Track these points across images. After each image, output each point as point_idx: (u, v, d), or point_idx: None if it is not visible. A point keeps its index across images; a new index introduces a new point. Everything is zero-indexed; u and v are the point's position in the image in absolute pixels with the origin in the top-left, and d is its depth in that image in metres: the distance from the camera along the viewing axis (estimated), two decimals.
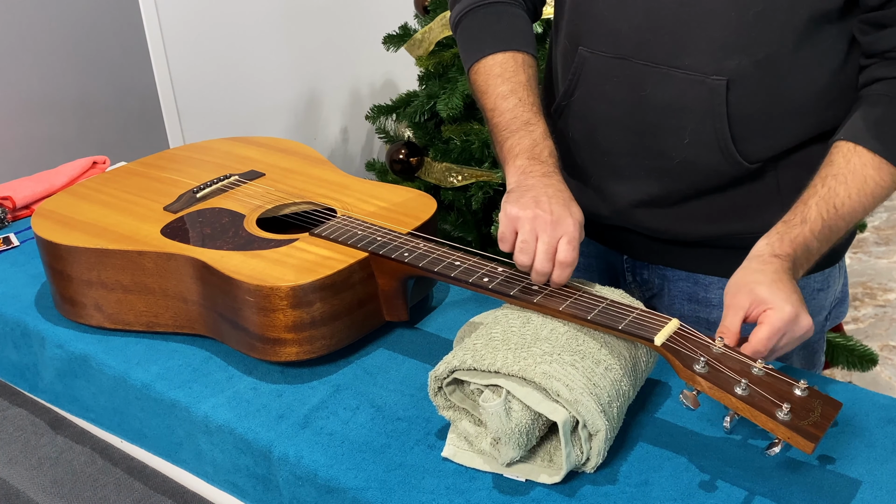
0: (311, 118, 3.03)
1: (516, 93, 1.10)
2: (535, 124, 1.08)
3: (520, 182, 1.02)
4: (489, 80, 1.12)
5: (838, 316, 1.23)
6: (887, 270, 3.12)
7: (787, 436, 0.78)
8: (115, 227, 1.16)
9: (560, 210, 0.97)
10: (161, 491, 1.08)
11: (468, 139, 2.28)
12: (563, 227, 0.96)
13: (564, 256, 0.95)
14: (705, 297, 1.18)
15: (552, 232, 0.95)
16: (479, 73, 1.14)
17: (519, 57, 1.13)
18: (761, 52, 1.00)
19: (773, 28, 0.99)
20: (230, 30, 2.67)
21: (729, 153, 1.05)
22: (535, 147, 1.06)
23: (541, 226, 0.96)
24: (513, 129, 1.08)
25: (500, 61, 1.13)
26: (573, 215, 0.97)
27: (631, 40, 1.06)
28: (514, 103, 1.09)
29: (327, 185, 1.26)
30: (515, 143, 1.07)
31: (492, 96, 1.12)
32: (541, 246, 0.95)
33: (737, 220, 1.11)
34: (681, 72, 1.03)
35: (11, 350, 1.23)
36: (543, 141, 1.07)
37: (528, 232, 0.96)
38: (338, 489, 0.89)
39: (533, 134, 1.07)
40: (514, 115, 1.09)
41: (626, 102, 1.09)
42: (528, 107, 1.09)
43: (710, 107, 1.03)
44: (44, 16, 2.23)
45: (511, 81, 1.11)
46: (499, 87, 1.11)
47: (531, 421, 0.85)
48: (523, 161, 1.04)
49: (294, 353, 1.04)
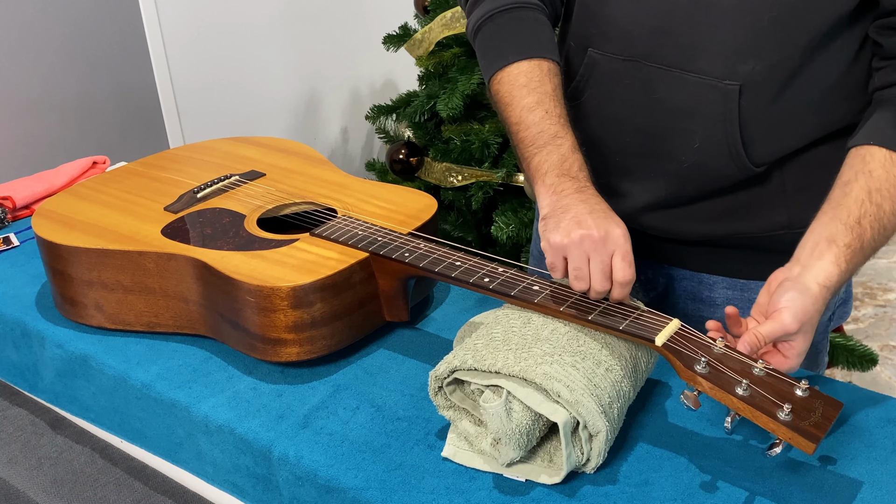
0: (311, 118, 3.04)
1: (542, 104, 1.05)
2: (563, 137, 1.03)
3: (554, 204, 0.98)
4: (513, 92, 1.07)
5: (842, 316, 1.23)
6: (887, 270, 3.12)
7: (788, 436, 0.78)
8: (116, 228, 1.16)
9: (604, 224, 0.93)
10: (161, 491, 1.08)
11: (468, 139, 2.28)
12: (612, 242, 0.92)
13: (622, 276, 0.92)
14: (709, 296, 1.18)
15: (603, 250, 0.92)
16: (503, 83, 1.08)
17: (545, 65, 1.07)
18: (775, 57, 0.99)
19: (788, 33, 0.98)
20: (230, 30, 2.67)
21: (738, 157, 1.04)
22: (564, 162, 1.01)
23: (590, 247, 0.92)
24: (539, 144, 1.03)
25: (524, 70, 1.07)
26: (619, 225, 0.94)
27: (643, 43, 1.05)
28: (541, 116, 1.04)
29: (328, 185, 1.26)
30: (543, 159, 1.02)
31: (517, 109, 1.06)
32: (595, 267, 0.92)
33: (742, 220, 1.10)
34: (693, 75, 1.02)
35: (11, 350, 1.23)
36: (572, 155, 1.02)
37: (578, 258, 0.93)
38: (338, 489, 0.89)
39: (561, 148, 1.02)
40: (541, 129, 1.03)
41: (637, 105, 1.08)
42: (556, 119, 1.04)
43: (722, 111, 1.02)
44: (44, 16, 2.23)
45: (537, 92, 1.06)
46: (524, 99, 1.06)
47: (532, 421, 0.85)
48: (553, 179, 1.00)
49: (294, 353, 1.04)
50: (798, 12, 0.97)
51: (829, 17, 0.98)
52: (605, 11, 1.08)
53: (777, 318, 0.87)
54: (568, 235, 0.93)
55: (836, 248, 0.91)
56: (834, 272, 0.90)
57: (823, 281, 0.90)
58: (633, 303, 0.97)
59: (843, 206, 0.93)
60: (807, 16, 0.97)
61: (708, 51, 1.01)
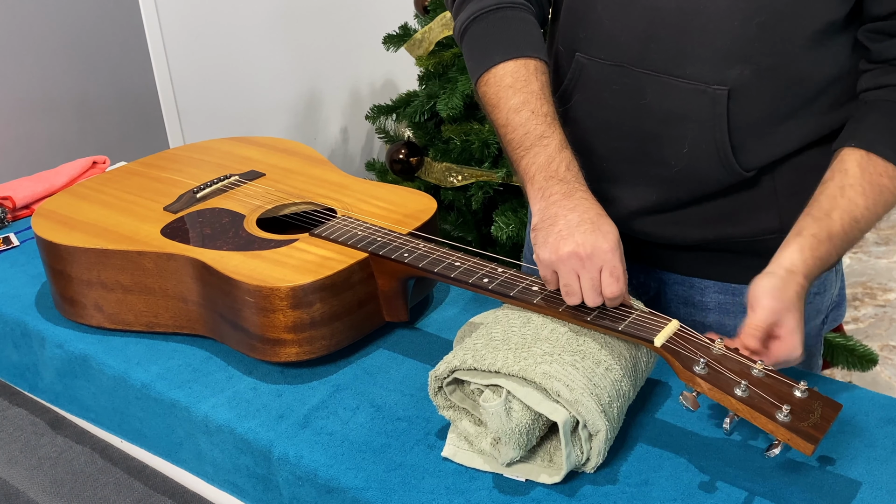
0: (311, 118, 3.04)
1: (528, 104, 1.03)
2: (549, 136, 1.01)
3: (543, 212, 0.97)
4: (500, 93, 1.05)
5: (836, 319, 1.23)
6: (887, 270, 3.12)
7: (787, 437, 0.78)
8: (116, 228, 1.16)
9: (591, 240, 0.92)
10: (161, 491, 1.08)
11: (468, 139, 2.28)
12: (598, 258, 0.92)
13: (610, 291, 0.92)
14: (700, 300, 1.18)
15: (591, 266, 0.92)
16: (489, 84, 1.07)
17: (531, 64, 1.06)
18: (764, 62, 0.99)
19: (777, 38, 0.98)
20: (230, 30, 2.67)
21: (728, 162, 1.04)
22: (550, 163, 0.99)
23: (577, 264, 0.92)
24: (526, 145, 1.02)
25: (510, 70, 1.05)
26: (606, 239, 0.93)
27: (631, 48, 1.04)
28: (527, 116, 1.03)
29: (327, 185, 1.26)
30: (531, 161, 1.01)
31: (503, 110, 1.04)
32: (584, 283, 0.92)
33: (733, 225, 1.10)
34: (682, 81, 1.02)
35: (11, 350, 1.23)
36: (559, 154, 1.00)
37: (567, 274, 0.93)
38: (338, 489, 0.89)
39: (548, 149, 1.00)
40: (527, 130, 1.02)
41: (625, 110, 1.07)
42: (542, 118, 1.02)
43: (710, 116, 1.02)
44: (44, 16, 2.23)
45: (523, 92, 1.04)
46: (510, 100, 1.04)
47: (531, 421, 0.85)
48: (541, 182, 0.99)
49: (294, 353, 1.04)
50: (786, 17, 0.97)
51: (817, 23, 0.97)
52: (592, 16, 1.07)
53: (755, 306, 0.90)
54: (556, 252, 0.93)
55: (801, 238, 0.94)
56: (798, 258, 0.93)
57: (789, 266, 0.92)
58: (633, 303, 0.97)
59: (816, 202, 0.96)
60: (795, 21, 0.97)
61: (696, 56, 1.01)
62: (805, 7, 0.96)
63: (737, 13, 0.98)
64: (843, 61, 1.02)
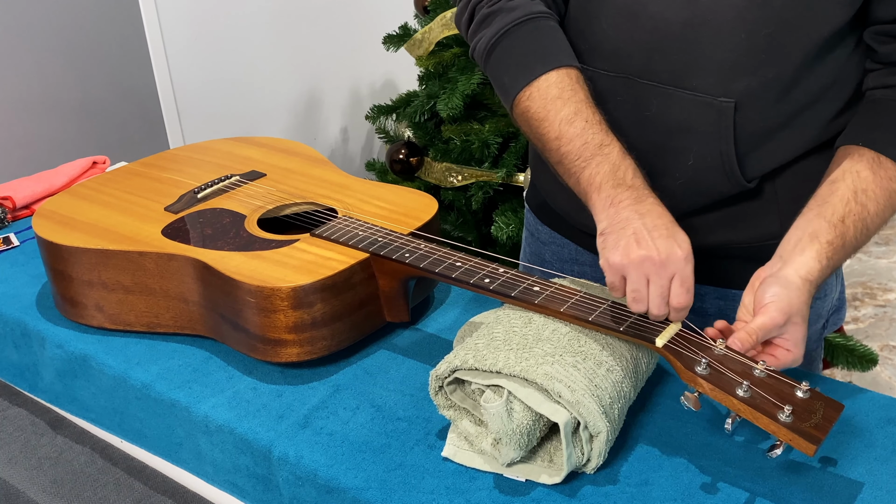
0: (311, 118, 3.04)
1: (581, 114, 1.00)
2: (609, 145, 0.98)
3: (612, 218, 0.94)
4: (547, 105, 1.01)
5: (835, 323, 1.23)
6: (887, 270, 3.12)
7: (789, 438, 0.78)
8: (116, 228, 1.16)
9: (666, 245, 0.90)
10: (161, 491, 1.08)
11: (468, 139, 2.28)
12: (672, 265, 0.90)
13: (678, 301, 0.90)
14: (700, 307, 1.17)
15: (664, 273, 0.90)
16: (533, 98, 1.02)
17: (572, 73, 1.03)
18: (770, 73, 0.98)
19: (784, 48, 0.97)
20: (230, 30, 2.67)
21: (732, 173, 1.03)
22: (616, 171, 0.96)
23: (650, 269, 0.90)
24: (587, 156, 0.98)
25: (554, 81, 1.02)
26: (681, 247, 0.91)
27: (636, 60, 1.03)
28: (582, 126, 0.99)
29: (328, 185, 1.26)
30: (594, 171, 0.97)
31: (554, 123, 1.00)
32: (653, 290, 0.90)
33: (734, 232, 1.10)
34: (688, 93, 1.01)
35: (11, 350, 1.23)
36: (624, 161, 0.97)
37: (637, 280, 0.90)
38: (338, 489, 0.89)
39: (610, 157, 0.97)
40: (585, 141, 0.98)
41: (630, 122, 1.05)
42: (597, 126, 0.99)
43: (716, 128, 1.01)
44: (44, 16, 2.24)
45: (572, 101, 1.00)
46: (560, 111, 1.00)
47: (532, 422, 0.85)
48: (609, 191, 0.95)
49: (295, 353, 1.04)
50: (793, 28, 0.96)
51: (823, 31, 0.97)
52: (594, 27, 1.05)
53: (765, 312, 0.88)
54: (627, 256, 0.90)
55: (819, 244, 0.92)
56: (815, 267, 0.91)
57: (805, 275, 0.91)
58: None
59: (829, 204, 0.94)
60: (802, 31, 0.96)
61: (702, 68, 0.99)
62: (812, 16, 0.96)
63: (744, 25, 0.96)
64: (844, 65, 1.02)
